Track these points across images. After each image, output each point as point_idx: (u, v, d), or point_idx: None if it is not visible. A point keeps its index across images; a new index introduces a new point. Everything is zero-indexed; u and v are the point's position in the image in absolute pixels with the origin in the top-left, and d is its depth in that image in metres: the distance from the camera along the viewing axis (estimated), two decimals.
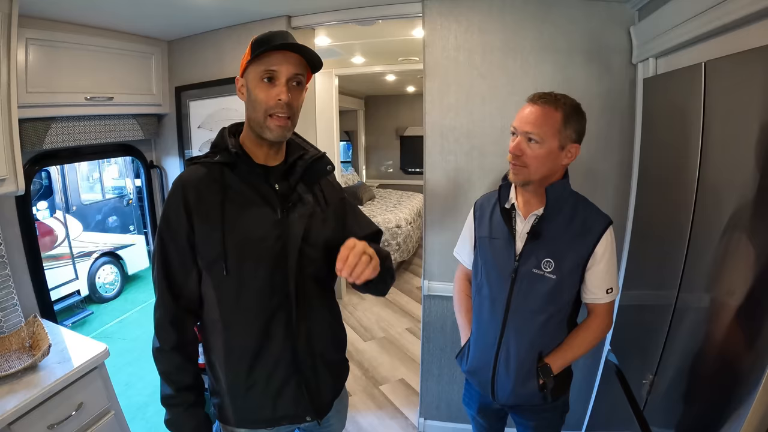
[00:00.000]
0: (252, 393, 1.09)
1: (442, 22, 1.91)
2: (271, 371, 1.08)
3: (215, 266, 1.02)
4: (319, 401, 1.15)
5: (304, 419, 1.15)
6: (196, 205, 1.01)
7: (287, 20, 2.13)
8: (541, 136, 1.15)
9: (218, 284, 1.04)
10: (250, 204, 1.04)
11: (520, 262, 1.27)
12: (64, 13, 1.81)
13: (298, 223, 1.05)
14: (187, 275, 1.05)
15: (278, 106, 0.97)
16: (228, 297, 1.04)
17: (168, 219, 1.03)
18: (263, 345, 1.06)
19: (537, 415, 1.40)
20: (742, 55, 1.00)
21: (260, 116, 0.99)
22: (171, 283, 1.05)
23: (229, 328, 1.06)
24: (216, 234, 1.01)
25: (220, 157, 1.04)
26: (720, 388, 0.98)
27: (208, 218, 1.01)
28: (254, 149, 1.06)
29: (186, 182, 1.03)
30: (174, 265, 1.05)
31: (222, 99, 2.32)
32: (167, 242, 1.04)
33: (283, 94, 0.97)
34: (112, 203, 5.75)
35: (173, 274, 1.05)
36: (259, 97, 0.98)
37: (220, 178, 1.03)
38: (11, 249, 1.85)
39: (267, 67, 0.97)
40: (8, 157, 1.55)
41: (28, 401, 1.37)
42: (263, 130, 1.00)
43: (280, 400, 1.10)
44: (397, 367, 3.21)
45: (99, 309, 4.82)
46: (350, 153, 8.16)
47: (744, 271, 0.95)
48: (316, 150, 1.15)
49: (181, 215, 1.01)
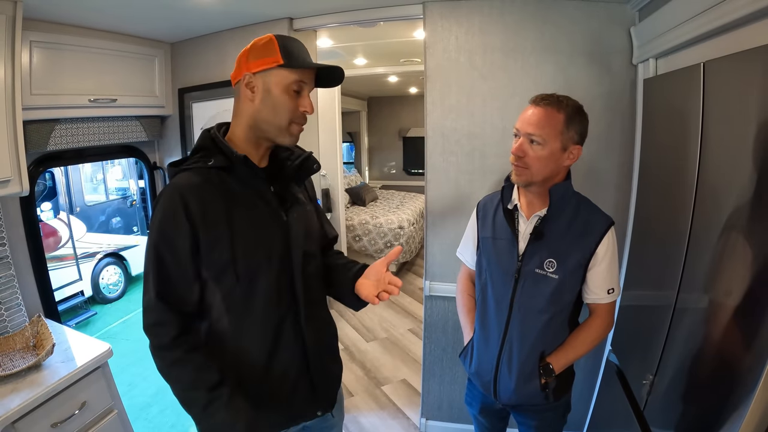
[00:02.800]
0: (266, 397, 1.06)
1: (443, 24, 1.92)
2: (283, 374, 1.07)
3: (224, 274, 0.98)
4: (328, 394, 1.18)
5: (315, 414, 1.17)
6: (200, 215, 0.94)
7: (289, 22, 2.14)
8: (544, 138, 1.16)
9: (227, 293, 1.00)
10: (254, 207, 1.03)
11: (522, 262, 1.27)
12: (68, 15, 1.83)
13: (298, 223, 1.06)
14: (188, 288, 0.98)
15: (302, 117, 1.02)
16: (237, 305, 1.01)
17: (163, 231, 0.95)
18: (274, 350, 1.05)
19: (539, 415, 1.40)
20: (740, 55, 0.99)
21: (283, 122, 1.00)
22: (169, 300, 0.96)
23: (239, 338, 1.03)
24: (224, 241, 0.97)
25: (214, 161, 0.98)
26: (719, 388, 0.98)
27: (216, 227, 0.96)
28: (250, 151, 1.03)
29: (184, 191, 0.95)
30: (173, 280, 0.96)
31: (224, 101, 2.33)
32: (164, 255, 0.95)
33: (310, 107, 1.01)
34: (115, 204, 5.77)
35: (172, 289, 0.96)
36: (288, 105, 0.99)
37: (220, 183, 0.99)
38: (15, 250, 1.86)
39: (300, 79, 0.99)
40: (13, 159, 1.56)
41: (31, 400, 1.39)
42: (281, 134, 1.01)
43: (294, 401, 1.11)
44: (399, 367, 3.21)
45: (103, 309, 4.84)
46: (353, 154, 8.17)
47: (743, 271, 0.95)
48: (301, 150, 1.16)
49: (183, 226, 0.94)
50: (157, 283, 0.96)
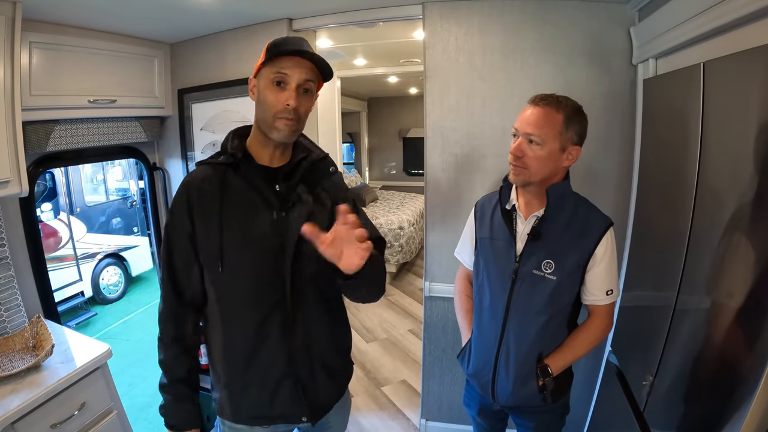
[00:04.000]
0: (248, 390, 1.12)
1: (443, 24, 1.92)
2: (266, 370, 1.10)
3: (213, 263, 1.05)
4: (315, 403, 1.16)
5: (300, 419, 1.16)
6: (197, 203, 1.05)
7: (288, 23, 2.14)
8: (543, 138, 1.15)
9: (216, 280, 1.08)
10: (248, 204, 1.06)
11: (520, 263, 1.27)
12: (68, 16, 1.82)
13: (296, 223, 1.05)
14: (189, 271, 1.09)
15: (286, 111, 0.99)
16: (225, 293, 1.08)
17: (173, 218, 1.08)
18: (259, 344, 1.08)
19: (537, 417, 1.40)
20: (740, 55, 0.99)
21: (269, 118, 1.01)
22: (174, 279, 1.10)
23: (228, 324, 1.10)
24: (214, 232, 1.04)
25: (223, 158, 1.07)
26: (719, 389, 0.98)
27: (208, 217, 1.04)
28: (260, 150, 1.08)
29: (190, 182, 1.08)
30: (177, 261, 1.09)
31: (224, 101, 2.33)
32: (172, 238, 1.09)
33: (291, 99, 0.98)
34: (115, 205, 5.78)
35: (176, 269, 1.10)
36: (269, 100, 1.00)
37: (222, 178, 1.06)
38: (15, 250, 1.86)
39: (278, 71, 0.99)
40: (12, 160, 1.56)
41: (31, 400, 1.39)
42: (271, 131, 1.02)
43: (276, 399, 1.11)
44: (399, 368, 3.21)
45: (103, 310, 4.84)
46: (353, 155, 8.17)
47: (743, 272, 0.94)
48: (320, 151, 1.16)
49: (184, 213, 1.06)
50: (165, 262, 1.10)
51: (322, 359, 1.15)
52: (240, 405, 1.13)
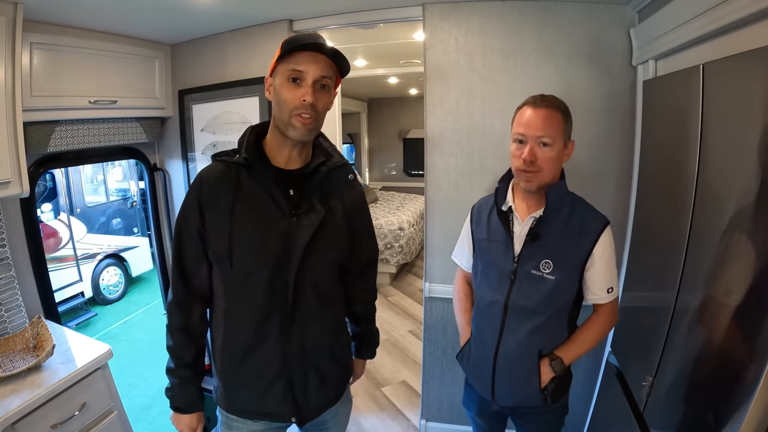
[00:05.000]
0: (242, 385, 1.14)
1: (443, 26, 1.92)
2: (261, 368, 1.11)
3: (222, 261, 1.07)
4: (305, 407, 1.17)
5: (289, 420, 1.18)
6: (208, 201, 1.05)
7: (289, 24, 2.14)
8: (552, 138, 1.17)
9: (224, 277, 1.09)
10: (260, 207, 1.05)
11: (519, 263, 1.27)
12: (68, 17, 1.83)
13: (305, 231, 1.05)
14: (198, 264, 1.11)
15: (302, 107, 0.98)
16: (232, 290, 1.10)
17: (185, 211, 1.09)
18: (257, 342, 1.09)
19: (536, 417, 1.40)
20: (739, 57, 1.00)
21: (285, 115, 1.00)
22: (183, 270, 1.11)
23: (231, 319, 1.11)
24: (224, 232, 1.04)
25: (238, 157, 1.06)
26: (719, 389, 0.98)
27: (219, 216, 1.05)
28: (277, 150, 1.08)
29: (203, 179, 1.08)
30: (186, 254, 1.11)
31: (224, 102, 2.33)
32: (183, 232, 1.10)
33: (308, 95, 0.97)
34: (116, 205, 5.78)
35: (185, 262, 1.11)
36: (285, 97, 0.99)
37: (235, 178, 1.06)
38: (16, 251, 1.87)
39: (294, 67, 0.98)
40: (13, 160, 1.57)
41: (31, 401, 1.39)
42: (288, 129, 1.01)
43: (267, 397, 1.13)
44: (399, 369, 3.21)
45: (103, 311, 4.84)
46: (353, 155, 8.17)
47: (743, 272, 0.95)
48: (340, 158, 1.15)
49: (195, 209, 1.06)
50: (175, 254, 1.12)
51: (316, 364, 1.16)
52: (234, 397, 1.16)
